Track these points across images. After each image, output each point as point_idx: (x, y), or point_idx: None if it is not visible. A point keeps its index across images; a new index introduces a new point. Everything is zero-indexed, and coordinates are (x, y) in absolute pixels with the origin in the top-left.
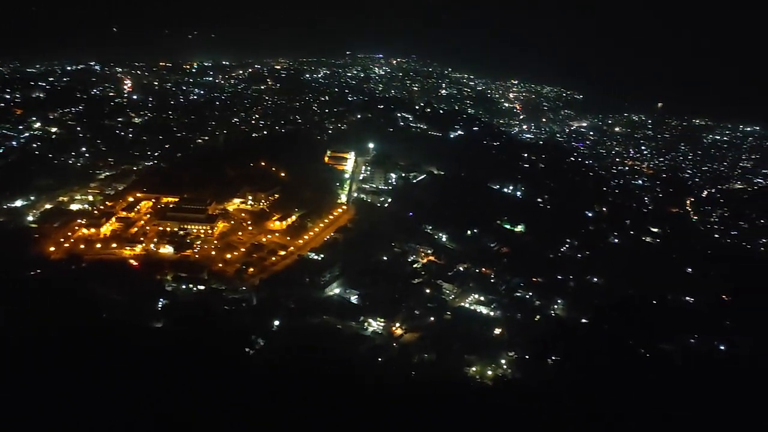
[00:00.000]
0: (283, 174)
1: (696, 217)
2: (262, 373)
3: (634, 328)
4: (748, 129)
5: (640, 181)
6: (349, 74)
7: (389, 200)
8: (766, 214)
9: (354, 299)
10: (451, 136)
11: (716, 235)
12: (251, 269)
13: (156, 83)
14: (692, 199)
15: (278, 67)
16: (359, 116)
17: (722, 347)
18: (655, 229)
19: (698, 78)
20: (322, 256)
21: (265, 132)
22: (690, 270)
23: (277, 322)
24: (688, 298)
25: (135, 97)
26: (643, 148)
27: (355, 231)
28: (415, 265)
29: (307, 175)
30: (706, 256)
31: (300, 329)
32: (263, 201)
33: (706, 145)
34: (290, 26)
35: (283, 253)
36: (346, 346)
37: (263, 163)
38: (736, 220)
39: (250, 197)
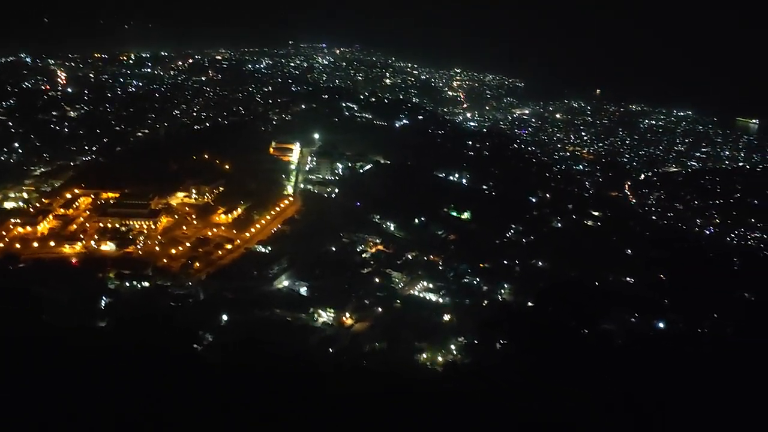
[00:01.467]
0: (227, 166)
1: (634, 200)
2: (211, 369)
3: (578, 309)
4: (681, 114)
5: (580, 166)
6: (292, 64)
7: (336, 191)
8: (700, 196)
9: (303, 291)
10: (397, 125)
11: (654, 217)
12: (197, 264)
13: (91, 75)
14: (630, 183)
15: (219, 58)
16: (304, 107)
17: (660, 325)
18: (596, 213)
19: (633, 64)
20: (269, 248)
21: (207, 124)
22: (629, 251)
23: (225, 317)
24: (628, 278)
25: (69, 90)
26: (583, 134)
27: (302, 222)
28: (363, 255)
29: (252, 167)
30: (644, 238)
31: (249, 323)
32: (208, 194)
33: (643, 130)
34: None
35: (229, 246)
36: (296, 337)
37: (206, 156)
38: (671, 202)
39: (193, 191)
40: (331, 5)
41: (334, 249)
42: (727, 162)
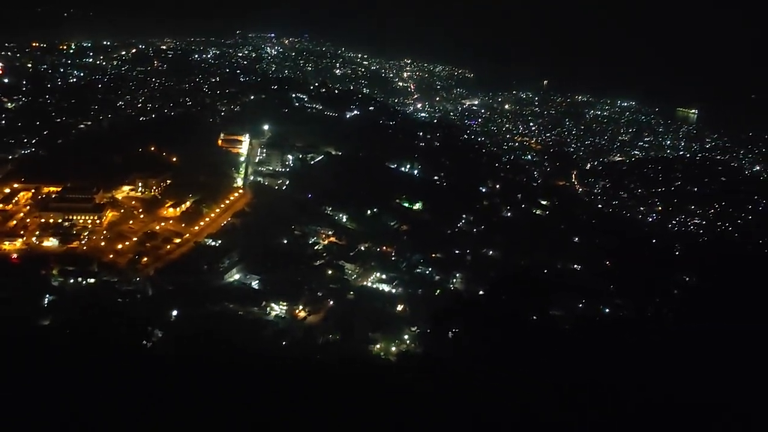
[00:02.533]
0: (174, 159)
1: (581, 189)
2: (161, 365)
3: (528, 297)
4: (625, 104)
5: (529, 156)
6: (240, 54)
7: (287, 182)
8: (643, 184)
9: (255, 284)
10: (348, 116)
11: (600, 206)
12: (145, 259)
13: (29, 65)
14: (577, 172)
15: (164, 48)
16: (252, 97)
17: (607, 310)
18: (545, 202)
19: (579, 55)
20: (219, 242)
21: (153, 115)
22: (577, 239)
23: (175, 312)
24: (575, 266)
25: (6, 80)
26: (531, 124)
27: (253, 215)
28: (316, 247)
29: (201, 159)
30: (591, 226)
31: (200, 318)
32: (155, 187)
33: (588, 121)
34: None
35: (178, 240)
36: (248, 331)
37: (153, 148)
38: (616, 190)
39: (140, 184)
40: None
41: (285, 241)
42: (668, 151)
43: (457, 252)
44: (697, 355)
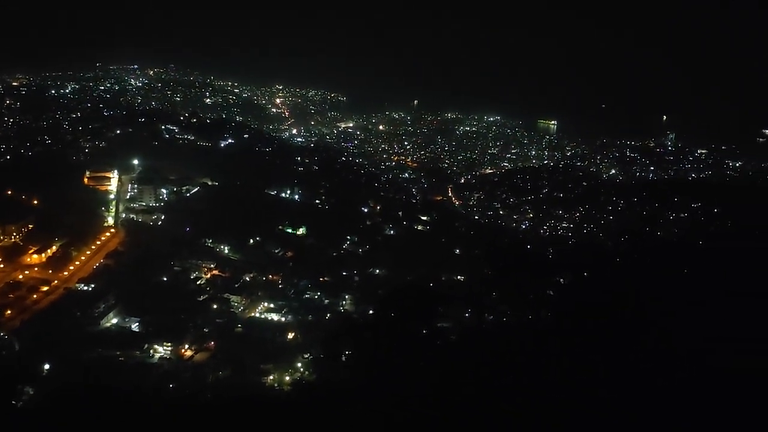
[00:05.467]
0: (36, 201)
1: (458, 202)
2: (34, 425)
3: (416, 311)
4: (491, 119)
5: (406, 174)
6: (102, 87)
7: (162, 217)
8: (514, 194)
9: (135, 327)
10: (222, 145)
11: (476, 217)
12: (9, 311)
13: None
14: (452, 186)
15: (16, 84)
16: (119, 131)
17: (491, 317)
18: (425, 217)
19: (445, 74)
20: (92, 286)
21: (8, 157)
22: (458, 251)
23: (47, 366)
24: (459, 277)
25: None
26: (405, 143)
27: (127, 254)
28: (198, 282)
29: (65, 199)
30: (469, 237)
31: (75, 368)
32: (14, 234)
33: (459, 136)
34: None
35: (46, 288)
36: (131, 377)
37: (10, 192)
38: (490, 201)
39: None
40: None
41: (165, 279)
42: (534, 161)
43: (344, 274)
44: (576, 350)
